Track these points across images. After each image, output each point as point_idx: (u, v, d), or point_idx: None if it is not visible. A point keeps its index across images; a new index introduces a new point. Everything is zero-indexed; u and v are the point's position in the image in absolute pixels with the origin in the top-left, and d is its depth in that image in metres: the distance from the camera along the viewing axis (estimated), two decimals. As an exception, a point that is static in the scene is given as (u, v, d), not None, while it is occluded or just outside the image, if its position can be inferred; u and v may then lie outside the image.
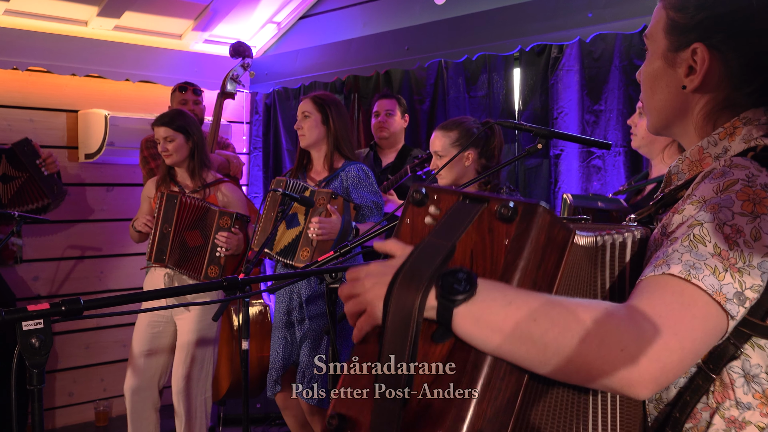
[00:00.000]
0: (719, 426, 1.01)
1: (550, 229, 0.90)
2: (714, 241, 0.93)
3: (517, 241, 0.89)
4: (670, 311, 0.89)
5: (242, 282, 1.65)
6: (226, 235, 3.36)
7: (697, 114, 1.11)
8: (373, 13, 4.63)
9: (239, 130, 5.33)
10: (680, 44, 1.10)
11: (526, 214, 0.89)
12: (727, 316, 0.92)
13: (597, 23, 3.43)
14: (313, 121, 3.21)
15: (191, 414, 3.47)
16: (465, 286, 0.86)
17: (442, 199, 0.96)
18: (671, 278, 0.92)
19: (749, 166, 0.99)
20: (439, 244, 0.89)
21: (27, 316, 1.29)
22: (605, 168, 3.70)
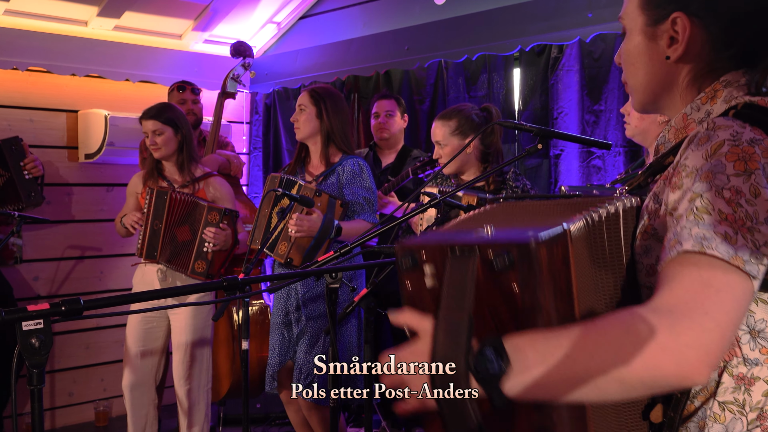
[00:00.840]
0: (728, 384, 1.01)
1: (549, 255, 0.90)
2: (717, 208, 0.93)
3: (525, 285, 0.89)
4: (694, 294, 0.89)
5: (242, 282, 1.65)
6: (214, 230, 3.35)
7: (682, 82, 1.12)
8: (373, 13, 4.63)
9: (239, 130, 5.33)
10: (659, 17, 1.11)
11: (523, 257, 0.89)
12: (750, 277, 0.91)
13: (597, 23, 3.43)
14: (308, 114, 3.21)
15: (197, 407, 3.48)
16: (498, 364, 0.87)
17: (431, 258, 0.95)
18: (686, 255, 0.92)
19: (732, 125, 0.99)
20: (455, 319, 0.89)
21: (27, 316, 1.29)
22: (605, 168, 3.70)
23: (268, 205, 3.16)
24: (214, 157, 4.16)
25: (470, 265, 0.91)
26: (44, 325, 1.30)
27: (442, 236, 0.98)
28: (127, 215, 3.52)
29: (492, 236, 0.93)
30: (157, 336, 3.51)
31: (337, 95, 3.31)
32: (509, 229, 0.95)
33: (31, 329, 1.29)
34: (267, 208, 3.16)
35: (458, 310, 0.90)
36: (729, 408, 1.01)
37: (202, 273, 3.37)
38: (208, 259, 3.37)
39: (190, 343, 3.43)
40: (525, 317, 0.90)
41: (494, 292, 0.91)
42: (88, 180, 4.63)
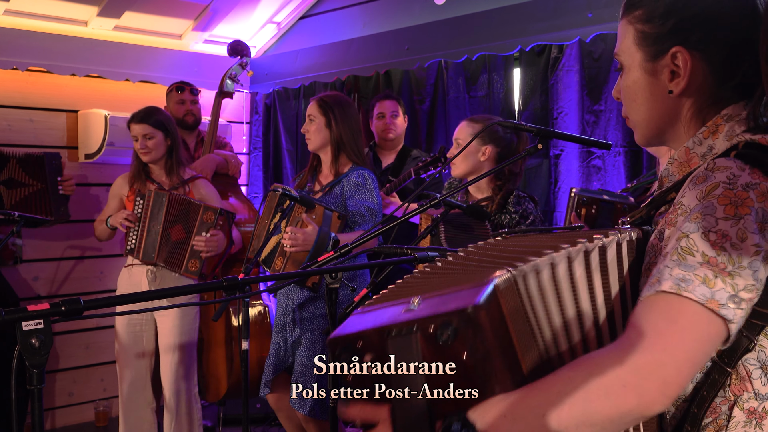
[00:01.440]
0: (739, 418, 1.02)
1: (489, 316, 0.89)
2: (701, 250, 0.94)
3: (473, 351, 0.89)
4: (657, 330, 0.92)
5: (242, 282, 1.65)
6: (205, 239, 3.34)
7: (685, 116, 1.12)
8: (373, 13, 4.63)
9: (239, 130, 5.33)
10: (657, 52, 1.11)
11: (464, 325, 0.88)
12: (725, 321, 0.93)
13: (597, 23, 3.43)
14: (317, 124, 3.17)
15: (189, 411, 3.47)
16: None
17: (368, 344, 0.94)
18: (662, 295, 0.94)
19: (731, 167, 0.99)
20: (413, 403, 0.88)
21: (27, 316, 1.29)
22: (605, 168, 3.70)
23: (268, 216, 3.13)
24: (211, 156, 4.15)
25: (413, 344, 0.90)
26: (44, 325, 1.30)
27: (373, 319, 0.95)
28: (115, 215, 3.49)
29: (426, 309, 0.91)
30: (148, 337, 3.51)
31: (346, 102, 3.26)
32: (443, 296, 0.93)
33: (31, 329, 1.29)
34: (266, 219, 3.14)
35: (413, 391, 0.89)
36: None
37: (195, 272, 3.36)
38: (201, 258, 3.37)
39: (177, 346, 3.43)
40: (481, 383, 0.90)
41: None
42: (88, 180, 4.63)
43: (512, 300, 0.94)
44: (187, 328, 3.46)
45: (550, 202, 3.89)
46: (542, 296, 0.99)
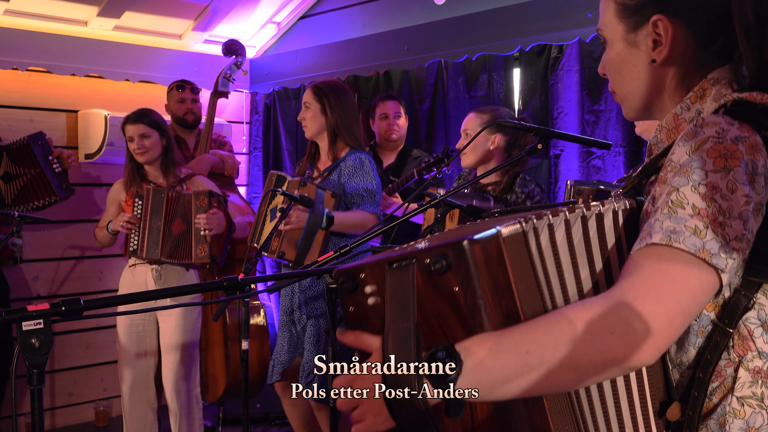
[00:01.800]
0: (745, 379, 1.01)
1: (484, 253, 0.91)
2: (691, 203, 0.94)
3: (465, 284, 0.90)
4: (649, 281, 0.91)
5: (242, 282, 1.65)
6: (206, 215, 3.36)
7: (670, 84, 1.12)
8: (373, 13, 4.63)
9: (239, 130, 5.33)
10: (638, 22, 1.11)
11: (458, 257, 0.90)
12: (716, 270, 0.92)
13: (597, 23, 3.43)
14: (313, 111, 3.20)
15: (190, 411, 3.48)
16: (450, 365, 0.88)
17: (371, 275, 0.96)
18: (653, 247, 0.94)
19: (720, 122, 0.99)
20: (402, 328, 0.90)
21: (27, 316, 1.29)
22: (605, 168, 3.70)
23: (265, 204, 3.16)
24: (206, 157, 4.15)
25: (409, 275, 0.92)
26: (44, 325, 1.30)
27: (379, 256, 0.99)
28: (116, 219, 3.48)
29: (427, 245, 0.94)
30: (150, 337, 3.51)
31: (342, 89, 3.27)
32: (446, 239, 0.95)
33: (31, 329, 1.29)
34: (264, 206, 3.16)
35: (404, 320, 0.91)
36: (748, 402, 1.01)
37: (205, 257, 3.39)
38: (207, 241, 3.38)
39: (180, 345, 3.43)
40: (471, 318, 0.91)
41: (436, 297, 0.92)
42: (88, 180, 4.63)
43: (517, 248, 0.95)
44: (190, 328, 3.46)
45: (550, 202, 3.90)
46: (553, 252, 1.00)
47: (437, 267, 0.90)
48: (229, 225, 3.48)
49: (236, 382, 3.86)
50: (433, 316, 0.92)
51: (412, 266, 0.92)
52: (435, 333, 0.92)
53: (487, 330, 0.90)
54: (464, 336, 0.91)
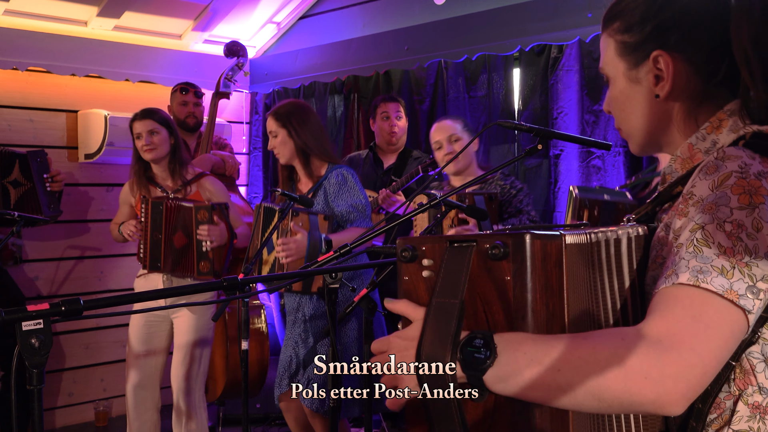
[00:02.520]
0: (743, 413, 1.01)
1: (543, 250, 0.93)
2: (717, 242, 0.93)
3: (518, 275, 0.93)
4: (683, 326, 0.91)
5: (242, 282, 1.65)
6: (207, 227, 3.31)
7: (677, 118, 1.13)
8: (373, 13, 4.63)
9: (239, 130, 5.33)
10: (638, 59, 1.12)
11: (517, 247, 0.92)
12: (744, 312, 0.92)
13: (597, 23, 3.40)
14: (281, 138, 3.18)
15: (195, 411, 3.47)
16: (485, 353, 0.91)
17: (431, 250, 0.99)
18: (681, 288, 0.93)
19: (741, 155, 0.99)
20: (448, 304, 0.93)
21: (27, 316, 1.29)
22: (605, 168, 3.70)
23: (257, 236, 3.12)
24: (207, 156, 4.16)
25: (467, 256, 0.95)
26: (44, 325, 1.30)
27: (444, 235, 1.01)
28: (125, 224, 3.48)
29: (492, 233, 0.97)
30: (160, 337, 3.51)
31: (302, 107, 3.26)
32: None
33: (31, 329, 1.29)
34: (256, 240, 3.12)
35: (452, 296, 0.93)
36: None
37: (208, 272, 3.35)
38: (209, 257, 3.35)
39: (191, 344, 3.42)
40: (515, 309, 0.93)
41: (487, 282, 0.95)
42: (87, 180, 4.63)
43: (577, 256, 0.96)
44: (203, 327, 3.45)
45: (550, 202, 3.90)
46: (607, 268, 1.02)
47: (494, 252, 0.93)
48: (231, 236, 3.45)
49: (235, 381, 3.86)
50: (480, 298, 0.95)
51: (471, 248, 0.95)
52: (478, 315, 0.96)
53: (529, 325, 0.92)
54: (505, 324, 0.94)
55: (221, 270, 3.41)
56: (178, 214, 3.38)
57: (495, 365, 0.91)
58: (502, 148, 4.20)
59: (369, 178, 4.13)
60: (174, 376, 3.45)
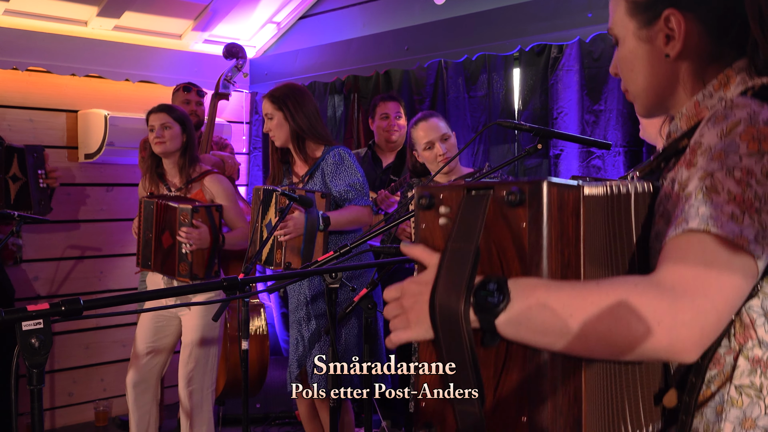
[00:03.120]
0: (744, 367, 1.01)
1: (560, 198, 0.92)
2: (727, 188, 0.93)
3: (534, 222, 0.92)
4: (695, 273, 0.91)
5: (242, 282, 1.65)
6: (186, 230, 3.26)
7: (684, 78, 1.12)
8: (373, 13, 4.63)
9: (239, 130, 5.33)
10: (649, 18, 1.11)
11: (534, 194, 0.91)
12: (754, 257, 0.92)
13: (597, 23, 3.43)
14: (277, 121, 3.18)
15: (200, 409, 3.46)
16: (498, 297, 0.91)
17: (448, 197, 0.99)
18: (692, 234, 0.93)
19: (749, 104, 0.98)
20: (463, 249, 0.93)
21: (27, 316, 1.29)
22: (605, 168, 3.70)
23: (257, 220, 3.13)
24: (206, 157, 4.15)
25: (483, 203, 0.94)
26: (44, 325, 1.30)
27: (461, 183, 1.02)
28: (133, 221, 3.53)
29: (510, 181, 0.96)
30: (167, 334, 3.51)
31: (298, 90, 3.26)
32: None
33: (31, 329, 1.29)
34: (257, 223, 3.13)
35: (467, 241, 0.93)
36: (746, 392, 1.01)
37: (186, 275, 3.29)
38: (188, 260, 3.28)
39: (198, 343, 3.41)
40: (530, 256, 0.92)
41: (503, 228, 0.94)
42: (87, 180, 4.63)
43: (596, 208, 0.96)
44: (210, 326, 3.44)
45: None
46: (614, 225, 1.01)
47: (511, 198, 0.92)
48: (214, 239, 3.34)
49: (235, 381, 3.85)
50: (495, 245, 0.95)
51: (488, 195, 0.94)
52: (492, 262, 0.95)
53: (543, 272, 0.92)
54: (520, 271, 0.93)
55: (202, 274, 3.32)
56: (166, 214, 3.37)
57: (507, 309, 0.90)
58: (502, 148, 4.20)
59: (368, 177, 4.12)
60: (181, 374, 3.45)
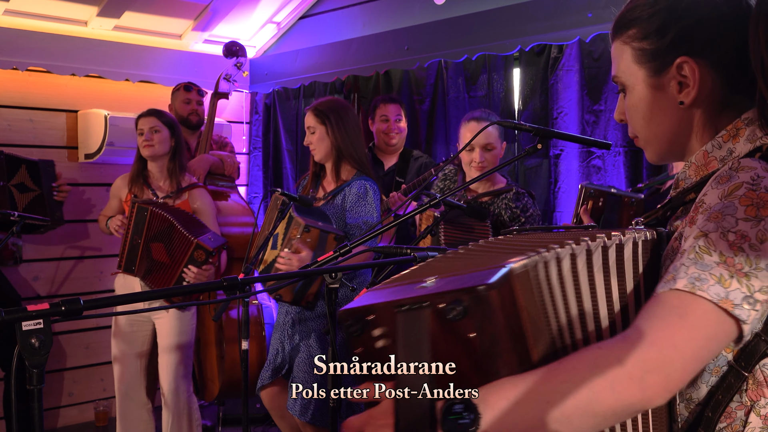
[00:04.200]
0: (756, 424, 1.00)
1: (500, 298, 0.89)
2: (719, 250, 0.93)
3: (482, 331, 0.88)
4: (666, 325, 0.91)
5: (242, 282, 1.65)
6: (196, 271, 3.26)
7: (697, 124, 1.11)
8: (373, 13, 4.63)
9: (239, 130, 5.33)
10: (661, 66, 1.10)
11: (475, 304, 0.88)
12: (737, 321, 0.92)
13: (597, 23, 3.43)
14: (319, 135, 3.11)
15: (189, 410, 3.47)
16: (469, 417, 0.87)
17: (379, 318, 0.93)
18: (675, 293, 0.93)
19: (756, 167, 0.98)
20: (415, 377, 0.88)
21: (27, 316, 1.29)
22: (605, 168, 3.70)
23: (269, 224, 3.07)
24: (205, 157, 4.14)
25: (423, 320, 0.89)
26: (44, 325, 1.30)
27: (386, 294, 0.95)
28: (113, 219, 3.50)
29: (438, 286, 0.91)
30: (143, 339, 3.50)
31: (342, 106, 3.19)
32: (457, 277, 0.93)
33: (31, 329, 1.29)
34: (268, 228, 3.08)
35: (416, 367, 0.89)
36: None
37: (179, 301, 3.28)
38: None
39: (175, 345, 3.42)
40: (486, 364, 0.89)
41: (451, 342, 0.89)
42: (87, 180, 4.63)
43: (527, 286, 0.92)
44: (185, 328, 3.45)
45: (550, 202, 3.89)
46: (561, 285, 0.97)
47: (453, 314, 0.88)
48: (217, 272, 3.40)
49: (232, 382, 3.85)
50: (446, 359, 0.89)
51: (424, 310, 0.89)
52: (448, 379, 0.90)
53: (503, 375, 0.89)
54: (479, 382, 0.90)
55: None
56: (167, 228, 3.32)
57: (482, 425, 0.87)
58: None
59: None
60: (162, 378, 3.45)
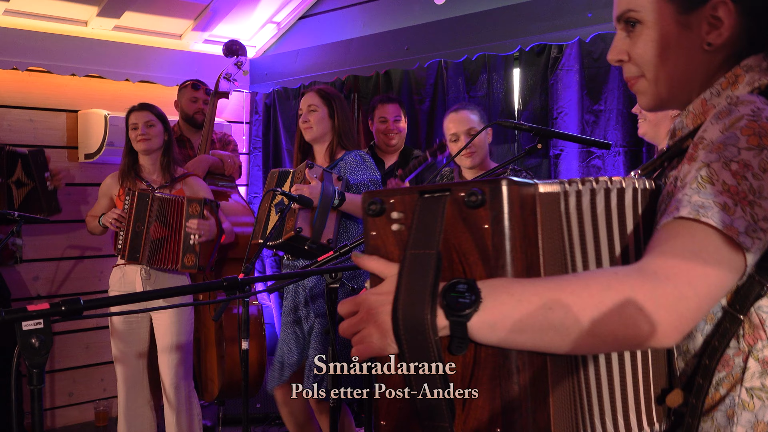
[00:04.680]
0: (754, 369, 0.99)
1: (520, 197, 0.88)
2: (722, 179, 0.92)
3: (496, 223, 0.87)
4: (681, 260, 0.89)
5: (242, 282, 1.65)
6: (197, 221, 3.34)
7: (711, 71, 1.08)
8: (373, 13, 4.63)
9: (239, 130, 5.33)
10: (693, 3, 1.06)
11: (494, 194, 0.87)
12: (743, 250, 0.90)
13: (597, 23, 3.43)
14: (320, 114, 3.22)
15: (190, 407, 3.47)
16: (470, 297, 0.84)
17: (400, 202, 0.93)
18: (681, 222, 0.91)
19: (755, 101, 0.97)
20: (423, 255, 0.88)
21: (27, 316, 1.29)
22: (605, 168, 3.70)
23: (268, 201, 3.16)
24: (204, 157, 4.13)
25: (440, 206, 0.89)
26: (44, 325, 1.30)
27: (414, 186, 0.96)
28: (107, 214, 3.49)
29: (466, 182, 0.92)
30: (141, 336, 3.51)
31: (340, 95, 3.37)
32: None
33: (31, 329, 1.29)
34: (267, 203, 3.16)
35: (427, 247, 0.88)
36: (757, 395, 0.99)
37: (192, 266, 3.37)
38: (196, 251, 3.36)
39: (175, 344, 3.43)
40: (494, 258, 0.87)
41: (464, 232, 0.89)
42: (88, 180, 4.63)
43: (551, 206, 0.92)
44: (184, 327, 3.46)
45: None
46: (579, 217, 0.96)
47: (471, 200, 0.87)
48: (219, 232, 3.48)
49: (232, 382, 3.85)
50: (456, 250, 0.89)
51: (445, 197, 0.89)
52: (454, 267, 0.89)
53: (508, 274, 0.87)
54: (484, 276, 0.87)
55: (206, 265, 3.42)
56: (167, 206, 3.39)
57: (481, 309, 0.84)
58: (502, 148, 4.20)
59: (370, 178, 4.13)
60: (163, 377, 3.45)
